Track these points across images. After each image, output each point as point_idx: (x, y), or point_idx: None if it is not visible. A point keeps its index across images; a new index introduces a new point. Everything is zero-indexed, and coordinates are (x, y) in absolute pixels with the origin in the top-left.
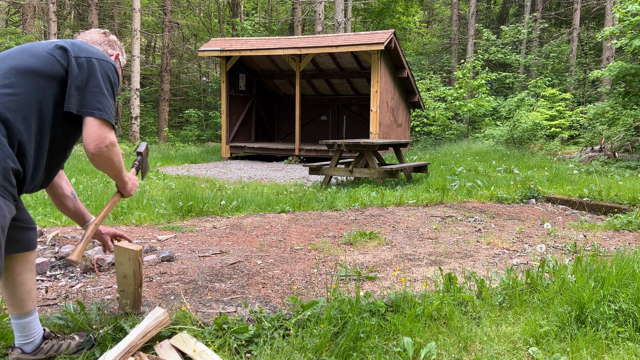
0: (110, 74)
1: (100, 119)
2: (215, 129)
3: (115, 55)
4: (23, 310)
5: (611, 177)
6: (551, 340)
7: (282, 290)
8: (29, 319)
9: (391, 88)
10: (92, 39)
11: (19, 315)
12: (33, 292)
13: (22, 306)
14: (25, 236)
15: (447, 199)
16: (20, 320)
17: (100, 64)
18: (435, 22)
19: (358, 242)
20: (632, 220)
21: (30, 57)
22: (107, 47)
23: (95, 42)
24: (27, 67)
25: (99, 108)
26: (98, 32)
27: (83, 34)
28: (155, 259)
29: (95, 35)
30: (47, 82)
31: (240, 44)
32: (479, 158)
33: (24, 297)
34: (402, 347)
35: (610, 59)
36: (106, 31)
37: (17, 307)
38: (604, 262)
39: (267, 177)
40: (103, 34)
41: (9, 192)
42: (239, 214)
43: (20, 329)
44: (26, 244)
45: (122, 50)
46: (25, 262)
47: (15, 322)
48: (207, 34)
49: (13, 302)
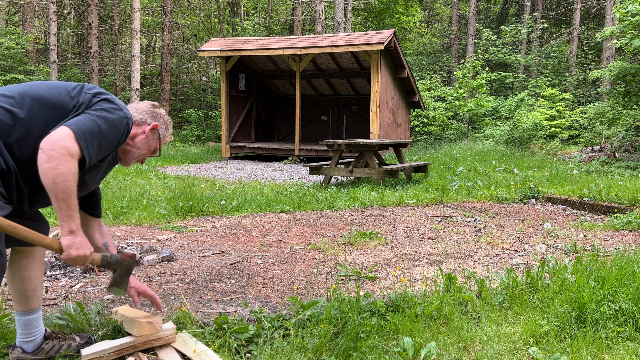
0: (117, 126)
1: (74, 133)
2: (215, 129)
3: (154, 125)
4: (28, 307)
5: (611, 177)
6: (551, 340)
7: (282, 290)
8: (33, 316)
9: (391, 88)
10: (137, 106)
11: (23, 312)
12: (39, 290)
13: (27, 303)
14: (37, 231)
15: (447, 199)
16: (24, 317)
17: (112, 109)
18: (435, 22)
19: (358, 242)
20: (632, 220)
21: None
22: (147, 116)
23: (138, 109)
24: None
25: (80, 128)
26: (147, 103)
27: (136, 102)
28: (155, 259)
29: (142, 104)
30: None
31: (240, 44)
32: (479, 158)
33: (29, 294)
34: (402, 347)
35: (610, 59)
36: (156, 104)
37: (22, 304)
38: (604, 262)
39: (267, 177)
40: (152, 105)
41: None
42: (239, 214)
43: (23, 326)
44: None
45: (168, 125)
46: (32, 258)
47: (18, 319)
48: (207, 34)
49: (18, 298)
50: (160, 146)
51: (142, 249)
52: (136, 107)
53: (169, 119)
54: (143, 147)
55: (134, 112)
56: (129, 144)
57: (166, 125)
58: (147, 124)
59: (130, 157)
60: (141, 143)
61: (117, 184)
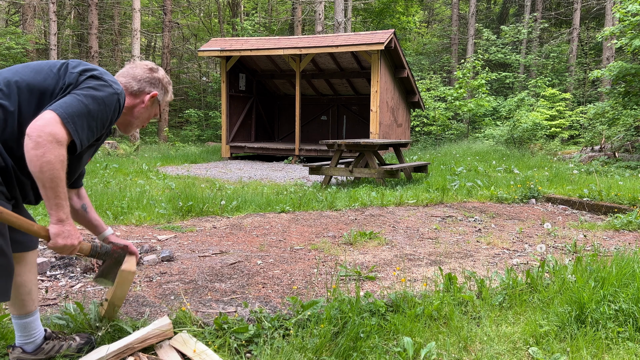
0: (107, 104)
1: (61, 117)
2: (215, 129)
3: (153, 94)
4: (24, 311)
5: (611, 177)
6: (551, 340)
7: (282, 290)
8: (30, 319)
9: (391, 88)
10: (133, 73)
11: (20, 315)
12: (34, 293)
13: (22, 306)
14: (26, 236)
15: (447, 199)
16: (21, 320)
17: (100, 86)
18: (435, 22)
19: (358, 242)
20: (632, 220)
21: (34, 73)
22: (145, 85)
23: (134, 78)
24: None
25: (67, 111)
26: (144, 67)
27: (130, 64)
28: (155, 259)
29: (139, 70)
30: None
31: (240, 44)
32: (479, 158)
33: (24, 298)
34: (402, 347)
35: (610, 59)
36: (154, 67)
37: (17, 307)
38: (604, 262)
39: (267, 177)
40: (149, 69)
41: (1, 192)
42: (239, 214)
43: (21, 328)
44: (27, 244)
45: (168, 88)
46: (25, 263)
47: (16, 322)
48: (207, 34)
49: (14, 302)
50: (161, 110)
51: (142, 249)
52: (133, 76)
53: (167, 80)
54: (143, 116)
55: (131, 81)
56: (128, 115)
57: (165, 89)
58: (145, 93)
59: (130, 128)
60: (140, 113)
61: (117, 184)
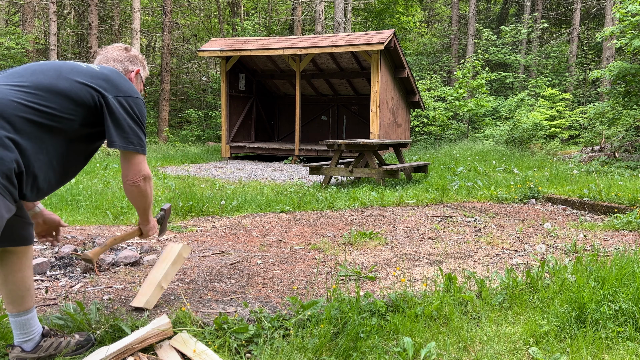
0: (140, 110)
1: (142, 154)
2: (215, 129)
3: (136, 71)
4: (22, 308)
5: (611, 177)
6: (551, 340)
7: (282, 290)
8: (28, 316)
9: (391, 88)
10: (113, 56)
11: (18, 313)
12: (32, 289)
13: (21, 303)
14: (27, 231)
15: (447, 199)
16: (19, 318)
17: (134, 102)
18: (435, 22)
19: (358, 242)
20: (632, 220)
21: (63, 81)
22: (127, 64)
23: (116, 60)
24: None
25: (141, 145)
26: (119, 49)
27: (105, 50)
28: (155, 259)
29: (116, 52)
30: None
31: (240, 44)
32: (479, 158)
33: (23, 294)
34: (402, 347)
35: (610, 59)
36: (127, 47)
37: (16, 305)
38: (604, 262)
39: (267, 177)
40: (124, 49)
41: (9, 192)
42: (239, 214)
43: (19, 326)
44: (28, 238)
45: (144, 63)
46: (25, 258)
47: (14, 320)
48: (207, 34)
49: (13, 299)
50: (144, 85)
51: (142, 249)
52: (114, 58)
53: (142, 56)
54: None
55: (115, 63)
56: None
57: (143, 65)
58: (129, 71)
59: None
60: None
61: (117, 184)
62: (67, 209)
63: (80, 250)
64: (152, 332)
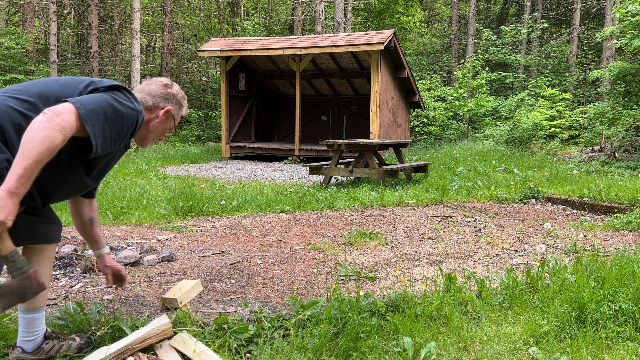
0: (125, 119)
1: (79, 113)
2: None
3: (166, 109)
4: (33, 305)
5: (611, 177)
6: (551, 340)
7: (282, 290)
8: (36, 315)
9: (391, 88)
10: (149, 89)
11: (27, 310)
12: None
13: (32, 301)
14: (48, 230)
15: (447, 199)
16: (28, 315)
17: (123, 102)
18: (435, 22)
19: (358, 242)
20: (632, 220)
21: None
22: (160, 100)
23: (150, 93)
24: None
25: (86, 108)
26: (159, 84)
27: (146, 81)
28: (155, 259)
29: (154, 86)
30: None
31: (240, 44)
32: (479, 158)
33: None
34: (402, 347)
35: (610, 59)
36: (168, 83)
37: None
38: (604, 262)
39: (267, 177)
40: (164, 85)
41: None
42: (239, 214)
43: (26, 323)
44: (48, 236)
45: (182, 102)
46: (43, 257)
47: (22, 316)
48: (207, 34)
49: None
50: (175, 124)
51: (142, 249)
52: (148, 91)
53: (182, 95)
54: (158, 130)
55: (146, 96)
56: (144, 129)
57: (179, 104)
58: (160, 108)
59: (146, 142)
60: (155, 127)
61: (117, 184)
62: (67, 209)
63: (80, 250)
64: (152, 332)
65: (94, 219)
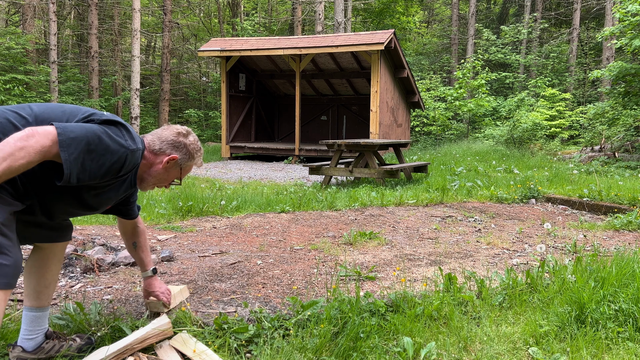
0: (111, 154)
1: (59, 139)
2: (215, 129)
3: (172, 157)
4: (37, 304)
5: (611, 177)
6: (551, 340)
7: (282, 290)
8: (39, 314)
9: (391, 88)
10: (162, 134)
11: (32, 308)
12: (51, 289)
13: (37, 299)
14: (59, 231)
15: (447, 199)
16: (32, 313)
17: (113, 137)
18: (435, 22)
19: (358, 242)
20: (632, 220)
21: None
22: (167, 147)
23: (160, 138)
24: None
25: (67, 133)
26: (174, 131)
27: (164, 126)
28: (155, 259)
29: (167, 132)
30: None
31: (240, 44)
32: (479, 158)
33: (41, 290)
34: (402, 347)
35: (610, 59)
36: (183, 132)
37: (32, 299)
38: (604, 262)
39: (267, 177)
40: (178, 134)
41: (5, 189)
42: (239, 214)
43: (29, 321)
44: (56, 237)
45: (193, 154)
46: (53, 255)
47: (26, 314)
48: (207, 34)
49: (30, 292)
50: (183, 176)
51: None
52: (159, 135)
53: (196, 146)
54: (160, 177)
55: (156, 140)
56: (144, 171)
57: (190, 155)
58: (165, 154)
59: (145, 184)
60: (157, 173)
61: None
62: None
63: (80, 251)
64: (152, 332)
65: (137, 244)
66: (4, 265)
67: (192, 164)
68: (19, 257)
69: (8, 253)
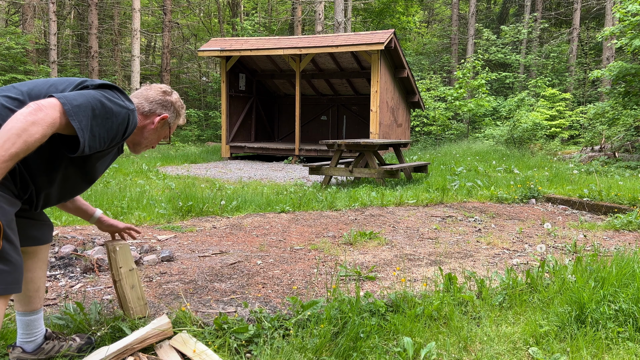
0: (115, 116)
1: (65, 109)
2: (215, 129)
3: (163, 116)
4: (30, 308)
5: (611, 177)
6: (551, 340)
7: (282, 290)
8: (34, 317)
9: (391, 88)
10: (147, 94)
11: (25, 312)
12: (41, 291)
13: (29, 303)
14: (41, 232)
15: (447, 199)
16: (26, 317)
17: (113, 100)
18: (435, 22)
19: (358, 242)
20: (632, 220)
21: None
22: (157, 107)
23: (147, 98)
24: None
25: (72, 104)
26: (158, 90)
27: (145, 86)
28: (155, 259)
29: (152, 92)
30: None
31: (240, 44)
32: (479, 158)
33: (31, 295)
34: (402, 347)
35: (610, 59)
36: (167, 90)
37: (24, 304)
38: (604, 262)
39: (267, 177)
40: (163, 92)
41: (7, 187)
42: (239, 214)
43: (24, 326)
44: (40, 239)
45: (180, 111)
46: (37, 259)
47: (20, 319)
48: (207, 34)
49: (21, 298)
50: (171, 133)
51: (142, 249)
52: (145, 97)
53: (181, 104)
54: (152, 137)
55: (143, 101)
56: (137, 135)
57: (177, 113)
58: (156, 114)
59: (139, 147)
60: (150, 133)
61: (117, 184)
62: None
63: (80, 251)
64: (152, 332)
65: (72, 201)
66: (4, 271)
67: (179, 121)
68: (20, 261)
69: (10, 258)
